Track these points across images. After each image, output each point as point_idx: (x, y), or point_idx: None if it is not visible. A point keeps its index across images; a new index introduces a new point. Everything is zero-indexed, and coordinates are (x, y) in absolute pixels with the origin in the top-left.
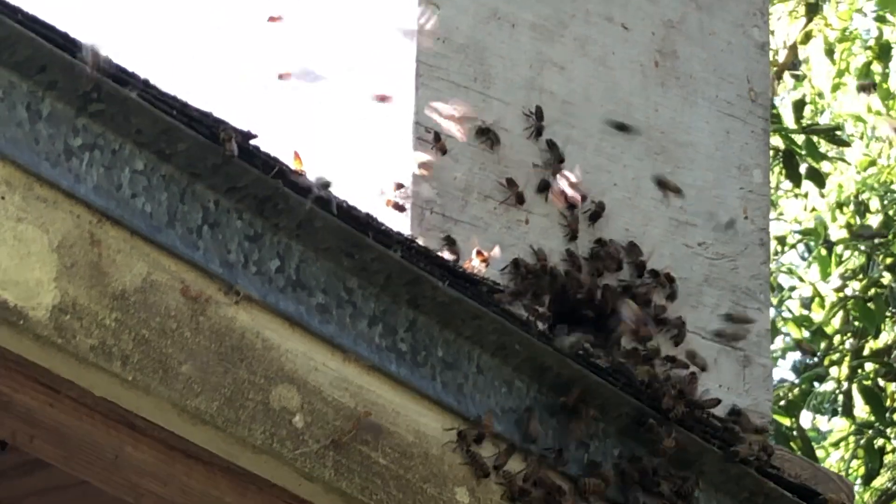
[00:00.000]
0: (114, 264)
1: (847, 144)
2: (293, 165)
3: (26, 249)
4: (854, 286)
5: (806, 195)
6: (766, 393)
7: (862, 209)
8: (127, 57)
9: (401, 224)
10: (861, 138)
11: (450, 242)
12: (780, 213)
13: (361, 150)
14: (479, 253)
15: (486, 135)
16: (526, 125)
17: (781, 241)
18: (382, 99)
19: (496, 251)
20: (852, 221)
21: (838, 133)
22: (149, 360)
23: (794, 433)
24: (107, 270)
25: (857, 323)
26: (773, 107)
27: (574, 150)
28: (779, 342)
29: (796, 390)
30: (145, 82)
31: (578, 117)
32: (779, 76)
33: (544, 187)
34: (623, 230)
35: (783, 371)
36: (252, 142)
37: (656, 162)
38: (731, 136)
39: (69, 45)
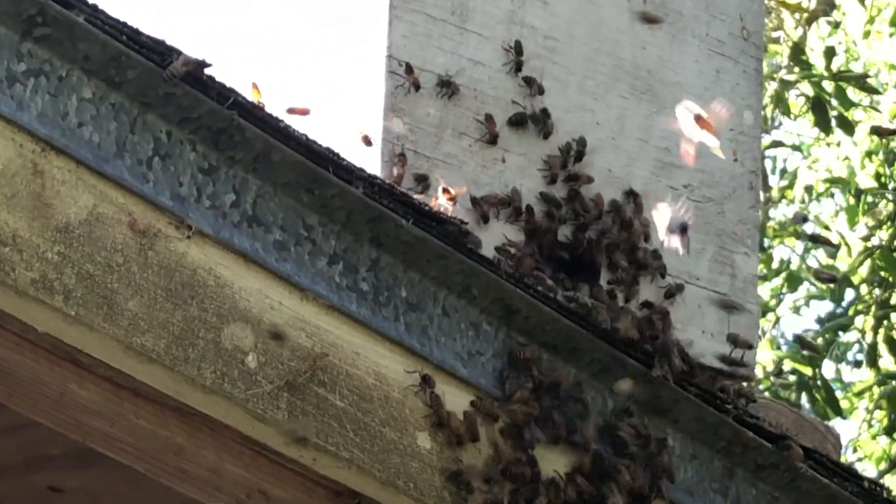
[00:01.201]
0: (58, 196)
1: (878, 92)
2: (252, 97)
3: None
4: (881, 235)
5: (839, 144)
6: (751, 339)
7: (891, 158)
8: None
9: (371, 160)
10: (895, 86)
11: (421, 179)
12: (815, 161)
13: (332, 82)
14: (445, 190)
15: (448, 87)
16: (505, 61)
17: (809, 189)
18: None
19: (463, 189)
20: (881, 171)
21: (869, 80)
22: (93, 296)
23: (818, 383)
24: (50, 202)
25: (883, 273)
26: (802, 53)
27: (556, 88)
28: (803, 290)
29: (819, 340)
30: (94, 7)
31: (561, 54)
32: (810, 22)
33: (518, 121)
34: (606, 171)
35: (807, 321)
36: (207, 71)
37: (642, 101)
38: (721, 75)
39: None
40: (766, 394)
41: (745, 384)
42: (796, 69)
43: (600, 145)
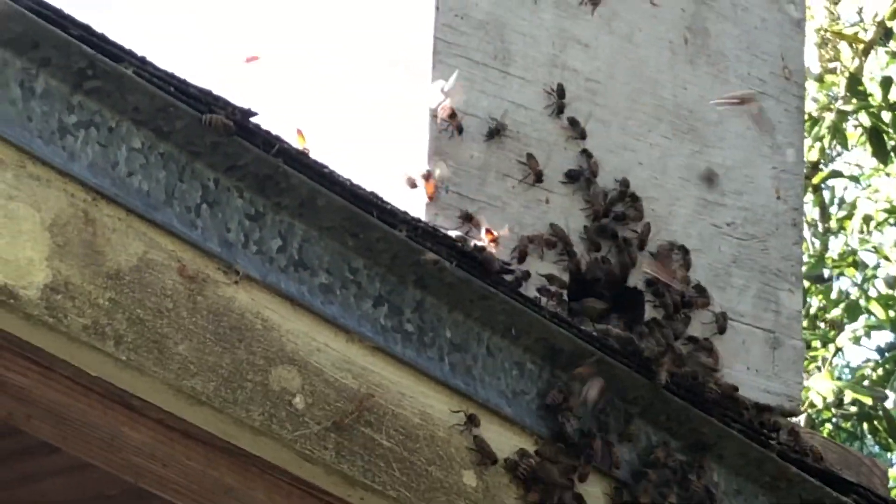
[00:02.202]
0: (108, 243)
1: None
2: (297, 143)
3: (17, 228)
4: None
5: None
6: (796, 375)
7: None
8: (124, 35)
9: (417, 203)
10: None
11: (466, 218)
12: (874, 191)
13: (377, 126)
14: (488, 232)
15: (498, 134)
16: (547, 103)
17: (867, 219)
18: (412, 184)
19: (505, 231)
20: None
21: None
22: (143, 341)
23: (880, 413)
24: (101, 249)
25: None
26: (860, 83)
27: (598, 129)
28: (863, 321)
29: (880, 370)
30: (142, 59)
31: (603, 95)
32: (866, 52)
33: (574, 176)
34: (649, 210)
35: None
36: (253, 119)
37: (684, 141)
38: (763, 114)
39: (63, 21)
40: (828, 425)
41: (790, 419)
42: (853, 100)
43: (643, 185)
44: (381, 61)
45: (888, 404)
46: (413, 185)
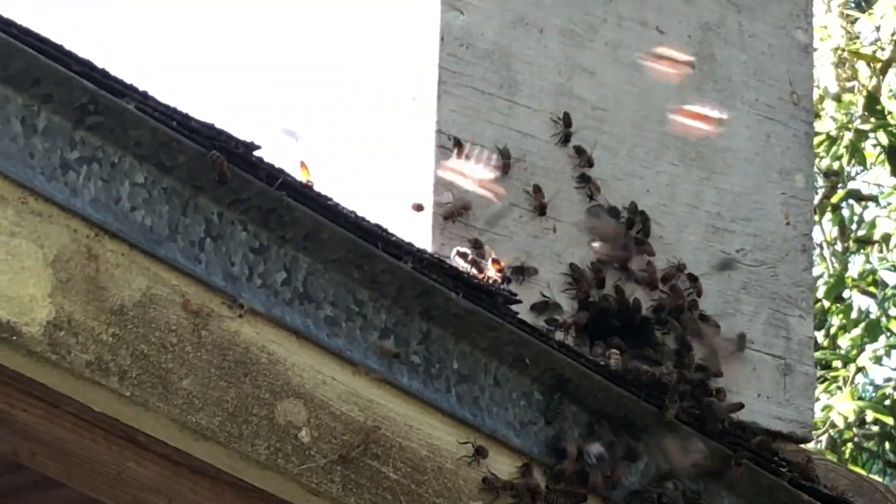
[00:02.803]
0: (112, 279)
1: None
2: (300, 176)
3: (20, 264)
4: None
5: None
6: (807, 402)
7: None
8: (126, 69)
9: (422, 233)
10: None
11: (476, 245)
12: (893, 210)
13: (382, 157)
14: (494, 262)
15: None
16: (554, 132)
17: (887, 238)
18: (418, 208)
19: (513, 260)
20: None
21: None
22: (147, 376)
23: None
24: (104, 285)
25: None
26: (877, 102)
27: (605, 156)
28: (883, 340)
29: None
30: (143, 94)
31: (610, 123)
32: (884, 71)
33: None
34: (657, 237)
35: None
36: (256, 153)
37: (691, 168)
38: (771, 140)
39: (64, 57)
40: (849, 445)
41: (801, 446)
42: (871, 118)
43: (651, 212)
44: (387, 91)
45: None
46: (419, 208)
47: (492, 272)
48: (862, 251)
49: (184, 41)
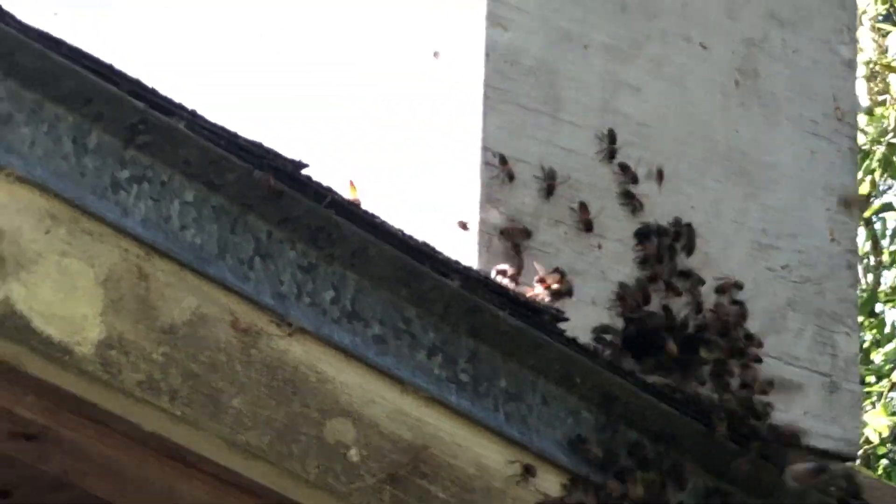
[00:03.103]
0: (162, 298)
1: None
2: (348, 194)
3: (72, 284)
4: None
5: None
6: (854, 420)
7: None
8: (174, 87)
9: (468, 251)
10: None
11: (525, 233)
12: None
13: (427, 174)
14: (541, 280)
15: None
16: (598, 148)
17: None
18: (463, 226)
19: (559, 277)
20: None
21: None
22: (198, 395)
23: None
24: (155, 304)
25: None
26: None
27: (650, 173)
28: None
29: None
30: (192, 112)
31: (654, 139)
32: None
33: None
34: (702, 254)
35: None
36: (304, 171)
37: (737, 184)
38: (816, 156)
39: (114, 76)
40: (884, 461)
41: (847, 464)
42: None
43: (696, 229)
44: (432, 108)
45: None
46: (465, 227)
47: (539, 290)
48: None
49: (224, 55)
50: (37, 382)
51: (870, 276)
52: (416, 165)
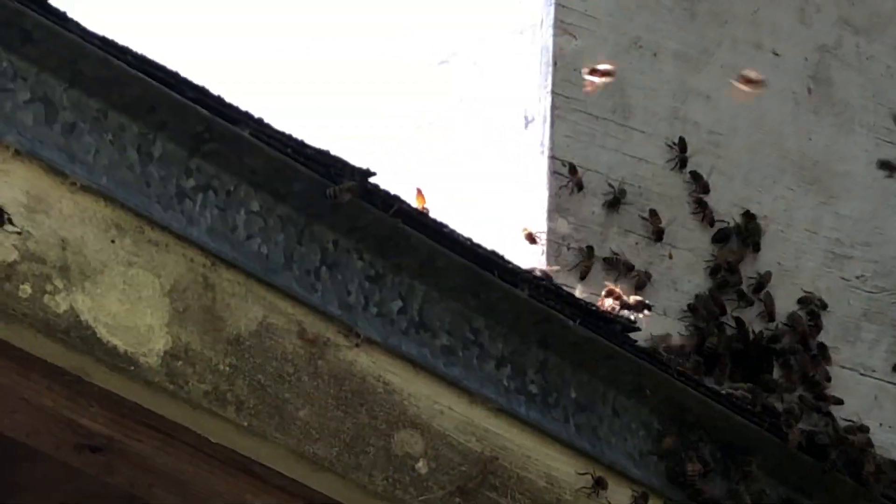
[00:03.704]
0: (228, 308)
1: None
2: (416, 203)
3: (137, 294)
4: None
5: None
6: None
7: None
8: (239, 96)
9: (536, 260)
10: None
11: (588, 254)
12: None
13: (495, 183)
14: (611, 291)
15: (615, 207)
16: (669, 156)
17: None
18: (531, 239)
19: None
20: None
21: None
22: (265, 406)
23: None
24: (221, 315)
25: None
26: None
27: (721, 182)
28: None
29: None
30: (258, 121)
31: (725, 147)
32: None
33: (723, 237)
34: (775, 264)
35: None
36: (372, 180)
37: (809, 192)
38: (891, 164)
39: (179, 84)
40: None
41: None
42: None
43: (768, 238)
44: (500, 117)
45: None
46: (532, 240)
47: (609, 301)
48: None
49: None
50: (102, 393)
51: None
52: (483, 175)
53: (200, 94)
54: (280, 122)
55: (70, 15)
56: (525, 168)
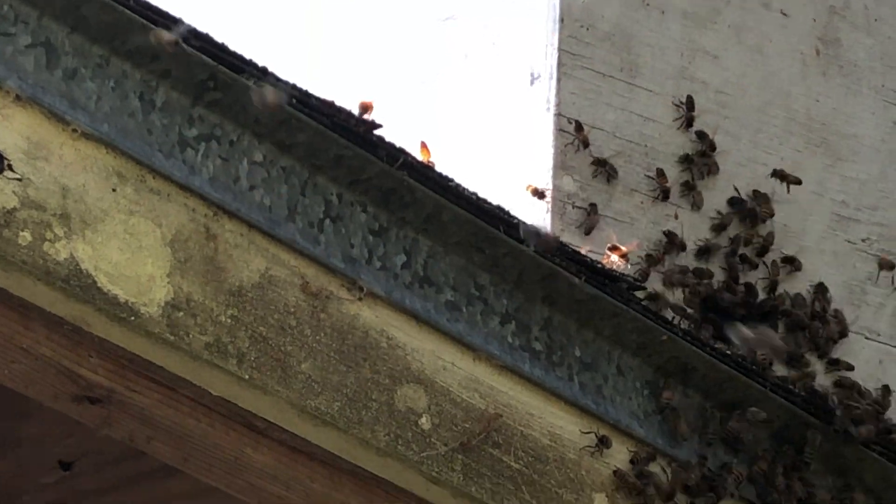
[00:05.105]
0: (230, 259)
1: None
2: (420, 156)
3: (138, 243)
4: None
5: None
6: None
7: None
8: (243, 45)
9: (541, 217)
10: None
11: (600, 163)
12: None
13: (500, 140)
14: (615, 248)
15: (602, 166)
16: (676, 116)
17: None
18: (537, 193)
19: (634, 246)
20: None
21: None
22: (266, 359)
23: None
24: (223, 265)
25: None
26: None
27: (728, 142)
28: None
29: None
30: (263, 70)
31: (733, 108)
32: None
33: (737, 203)
34: (781, 225)
35: None
36: (377, 132)
37: (816, 154)
38: None
39: (183, 31)
40: None
41: None
42: None
43: (775, 199)
44: (506, 74)
45: None
46: (539, 195)
47: (614, 258)
48: None
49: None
50: (102, 344)
51: None
52: (489, 130)
53: (204, 43)
54: (284, 73)
55: None
56: (530, 125)
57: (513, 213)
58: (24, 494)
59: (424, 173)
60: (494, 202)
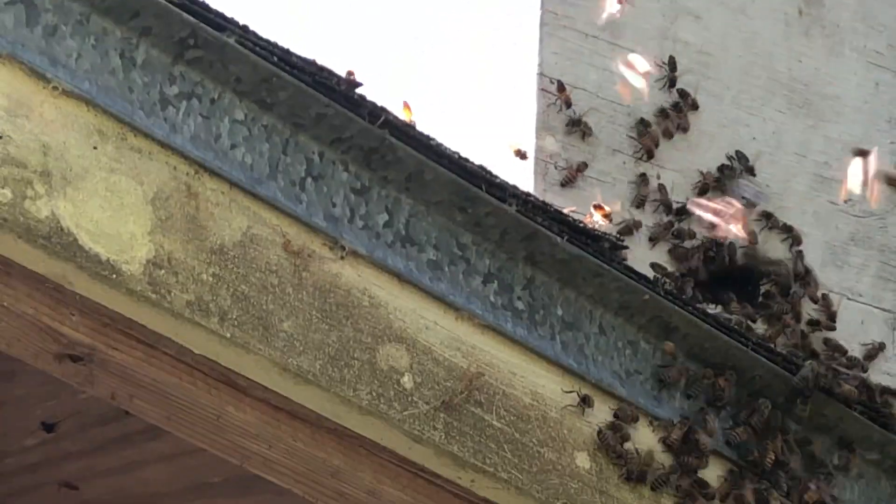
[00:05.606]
0: (212, 217)
1: None
2: (403, 115)
3: (119, 201)
4: None
5: None
6: None
7: None
8: (226, 5)
9: (524, 177)
10: None
11: (575, 123)
12: None
13: (483, 99)
14: (598, 207)
15: (577, 126)
16: (658, 76)
17: None
18: (520, 154)
19: (617, 206)
20: None
21: None
22: (248, 317)
23: None
24: (204, 224)
25: None
26: None
27: (710, 102)
28: None
29: None
30: (244, 28)
31: (715, 68)
32: None
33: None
34: (764, 186)
35: None
36: (359, 91)
37: (798, 115)
38: (880, 88)
39: None
40: None
41: None
42: None
43: (757, 160)
44: (488, 34)
45: None
46: (521, 155)
47: (597, 217)
48: None
49: None
50: (84, 302)
51: None
52: (471, 91)
53: (186, 0)
54: (266, 33)
55: None
56: (513, 85)
57: (494, 172)
58: (7, 457)
59: (406, 132)
60: (477, 162)
